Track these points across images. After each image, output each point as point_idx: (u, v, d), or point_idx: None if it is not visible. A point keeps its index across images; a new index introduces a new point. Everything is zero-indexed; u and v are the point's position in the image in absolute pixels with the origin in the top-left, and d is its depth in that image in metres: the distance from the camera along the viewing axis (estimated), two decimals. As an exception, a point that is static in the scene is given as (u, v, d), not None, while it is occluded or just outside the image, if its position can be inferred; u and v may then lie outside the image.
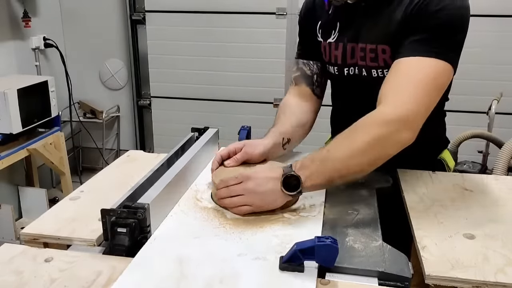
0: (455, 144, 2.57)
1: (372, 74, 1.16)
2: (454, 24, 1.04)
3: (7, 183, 3.01)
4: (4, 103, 2.45)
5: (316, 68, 1.32)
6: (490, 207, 1.04)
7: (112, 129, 3.77)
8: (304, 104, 1.30)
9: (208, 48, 3.33)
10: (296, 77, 1.34)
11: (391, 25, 1.10)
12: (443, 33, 1.02)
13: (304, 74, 1.32)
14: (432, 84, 1.00)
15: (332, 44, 1.22)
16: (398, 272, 0.79)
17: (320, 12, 1.26)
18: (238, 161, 1.11)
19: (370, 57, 1.14)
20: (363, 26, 1.16)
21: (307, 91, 1.31)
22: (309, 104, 1.31)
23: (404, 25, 1.07)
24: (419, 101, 0.98)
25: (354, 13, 1.17)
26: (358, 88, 1.20)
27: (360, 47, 1.16)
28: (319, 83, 1.33)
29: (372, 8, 1.14)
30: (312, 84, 1.32)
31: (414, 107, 0.97)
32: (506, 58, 2.92)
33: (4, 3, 2.92)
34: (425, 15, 1.04)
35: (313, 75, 1.32)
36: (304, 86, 1.32)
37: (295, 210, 1.00)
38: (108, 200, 0.93)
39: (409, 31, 1.05)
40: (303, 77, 1.32)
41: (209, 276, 0.77)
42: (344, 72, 1.21)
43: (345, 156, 0.96)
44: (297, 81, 1.33)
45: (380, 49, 1.12)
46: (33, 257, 0.84)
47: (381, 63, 1.13)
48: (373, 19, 1.14)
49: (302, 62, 1.33)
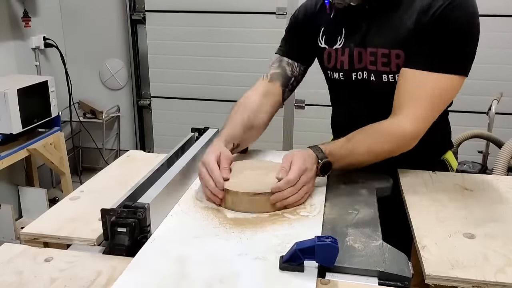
0: (455, 144, 2.57)
1: (382, 79, 1.15)
2: (468, 36, 1.06)
3: (7, 183, 3.01)
4: (4, 103, 2.45)
5: (298, 71, 1.31)
6: (490, 207, 1.03)
7: (112, 129, 3.77)
8: (265, 104, 1.27)
9: (208, 48, 3.33)
10: (274, 73, 1.31)
11: (403, 31, 1.10)
12: (458, 46, 1.05)
13: (284, 73, 1.31)
14: (446, 99, 1.12)
15: (339, 50, 1.21)
16: (398, 272, 0.79)
17: (322, 17, 1.25)
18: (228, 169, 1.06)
19: (382, 62, 1.14)
20: (370, 30, 1.15)
21: (278, 91, 1.29)
22: (272, 104, 1.28)
23: (420, 31, 1.07)
24: (431, 116, 1.10)
25: (358, 16, 1.16)
26: (365, 93, 1.20)
27: (370, 52, 1.15)
28: (293, 87, 1.33)
29: (377, 11, 1.14)
30: (286, 86, 1.31)
31: (427, 122, 1.09)
32: (506, 58, 2.92)
33: (4, 3, 2.92)
34: (444, 26, 1.04)
35: (292, 77, 1.31)
36: (277, 85, 1.30)
37: (295, 209, 1.00)
38: (108, 200, 0.93)
39: (425, 39, 1.06)
40: (281, 77, 1.30)
41: (209, 276, 0.77)
42: (352, 77, 1.20)
43: (363, 155, 1.10)
44: (273, 77, 1.30)
45: (394, 54, 1.11)
46: (33, 257, 0.84)
47: (394, 68, 1.13)
48: (380, 22, 1.13)
49: (287, 62, 1.31)
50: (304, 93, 3.19)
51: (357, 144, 1.10)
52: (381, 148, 1.10)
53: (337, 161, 1.08)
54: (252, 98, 1.27)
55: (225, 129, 1.19)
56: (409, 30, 1.09)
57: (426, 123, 1.09)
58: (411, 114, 1.08)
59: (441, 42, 1.05)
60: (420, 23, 1.07)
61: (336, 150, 1.09)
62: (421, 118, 1.08)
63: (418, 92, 1.08)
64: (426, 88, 1.07)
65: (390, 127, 1.10)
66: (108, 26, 3.50)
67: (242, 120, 1.21)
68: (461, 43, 1.05)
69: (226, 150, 1.10)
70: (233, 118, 1.22)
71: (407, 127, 1.08)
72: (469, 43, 1.06)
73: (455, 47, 1.05)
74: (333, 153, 1.08)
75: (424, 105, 1.08)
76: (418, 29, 1.07)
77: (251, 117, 1.23)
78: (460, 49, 1.06)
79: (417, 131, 1.08)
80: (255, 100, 1.27)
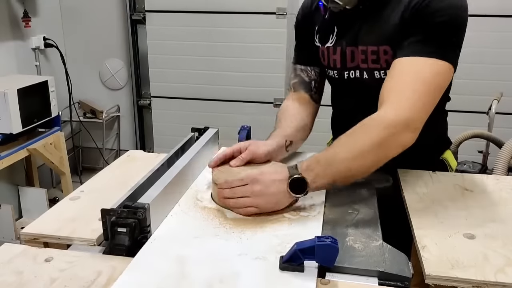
0: (456, 144, 2.57)
1: (375, 76, 1.15)
2: (453, 24, 1.04)
3: (7, 183, 3.01)
4: (4, 103, 2.45)
5: (313, 74, 1.32)
6: (490, 207, 1.03)
7: (112, 129, 3.77)
8: (303, 108, 1.30)
9: (208, 48, 3.33)
10: (294, 83, 1.34)
11: (390, 26, 1.10)
12: (442, 34, 1.03)
13: (302, 80, 1.33)
14: (432, 84, 1.01)
15: (330, 48, 1.22)
16: (398, 272, 0.79)
17: (317, 16, 1.26)
18: (243, 161, 1.10)
19: (372, 59, 1.14)
20: (362, 29, 1.16)
21: (306, 97, 1.32)
22: (308, 108, 1.31)
23: (404, 25, 1.07)
24: (419, 103, 0.99)
25: (351, 16, 1.16)
26: (359, 90, 1.21)
27: (361, 50, 1.15)
28: (317, 88, 1.33)
29: (370, 11, 1.14)
30: (310, 90, 1.32)
31: (415, 109, 0.99)
32: (506, 58, 2.92)
33: (4, 3, 2.92)
34: (424, 16, 1.04)
35: (311, 81, 1.32)
36: (303, 93, 1.32)
37: (295, 210, 1.00)
38: (108, 200, 0.93)
39: (409, 31, 1.06)
40: (302, 84, 1.33)
41: (209, 276, 0.77)
42: (345, 75, 1.21)
43: (349, 159, 0.97)
44: (295, 87, 1.34)
45: (382, 50, 1.12)
46: (33, 257, 0.84)
47: (383, 64, 1.13)
48: (372, 21, 1.14)
49: (300, 69, 1.33)
50: (304, 93, 3.18)
51: (339, 147, 0.99)
52: (366, 145, 0.96)
53: (319, 175, 0.96)
54: (290, 106, 1.31)
55: (275, 131, 1.22)
56: (395, 26, 1.09)
57: (415, 109, 0.98)
58: (395, 101, 1.00)
59: (426, 30, 1.04)
60: (404, 17, 1.07)
61: (314, 162, 0.98)
62: (407, 105, 0.98)
63: (401, 79, 1.03)
64: (409, 74, 1.03)
65: (373, 119, 1.00)
66: (108, 26, 3.50)
67: (290, 122, 1.24)
68: (446, 31, 1.03)
69: (258, 147, 1.11)
70: (281, 122, 1.25)
71: (391, 116, 0.98)
72: (454, 32, 1.04)
73: (439, 35, 1.03)
74: (311, 167, 0.97)
75: (408, 91, 1.00)
76: (403, 23, 1.07)
77: (298, 119, 1.26)
78: (445, 37, 1.03)
79: (405, 118, 0.97)
80: (291, 107, 1.30)
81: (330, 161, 0.97)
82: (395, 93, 1.01)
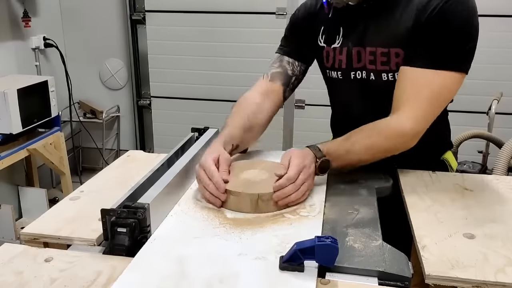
0: (455, 144, 2.57)
1: (382, 78, 1.15)
2: (468, 33, 1.06)
3: (7, 183, 3.01)
4: (4, 103, 2.45)
5: (299, 70, 1.31)
6: (490, 207, 1.03)
7: (112, 129, 3.77)
8: (266, 103, 1.26)
9: (208, 48, 3.33)
10: (275, 73, 1.30)
11: (401, 29, 1.10)
12: (457, 43, 1.05)
13: (284, 72, 1.30)
14: (446, 97, 1.10)
15: (337, 49, 1.21)
16: (398, 272, 0.79)
17: (322, 17, 1.24)
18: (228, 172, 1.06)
19: (381, 61, 1.14)
20: (368, 29, 1.15)
21: (279, 90, 1.29)
22: (272, 104, 1.28)
23: (419, 29, 1.07)
24: (431, 114, 1.09)
25: (356, 16, 1.16)
26: (364, 91, 1.20)
27: (369, 51, 1.15)
28: (293, 86, 1.32)
29: (375, 10, 1.14)
30: (287, 85, 1.30)
31: (427, 121, 1.08)
32: (506, 58, 2.92)
33: (4, 3, 2.92)
34: (441, 22, 1.04)
35: (293, 76, 1.31)
36: (278, 85, 1.29)
37: (295, 209, 1.00)
38: (108, 200, 0.93)
39: (424, 38, 1.06)
40: (282, 76, 1.30)
41: (209, 276, 0.77)
42: (350, 76, 1.20)
43: (362, 153, 1.10)
44: (274, 77, 1.30)
45: (393, 52, 1.11)
46: (33, 257, 0.84)
47: (393, 66, 1.13)
48: (378, 21, 1.14)
49: (287, 61, 1.31)
50: (304, 93, 3.18)
51: (356, 143, 1.09)
52: (380, 147, 1.09)
53: (336, 159, 1.08)
54: (252, 99, 1.27)
55: (224, 130, 1.18)
56: (407, 29, 1.09)
57: (425, 121, 1.08)
58: (411, 112, 1.07)
59: (440, 39, 1.05)
60: (419, 21, 1.07)
61: (334, 149, 1.09)
62: (420, 116, 1.07)
63: (418, 90, 1.07)
64: (425, 85, 1.06)
65: (389, 126, 1.09)
66: (108, 26, 3.50)
67: (241, 121, 1.20)
68: (460, 40, 1.05)
69: (224, 152, 1.09)
70: (232, 119, 1.21)
71: (406, 125, 1.06)
72: (468, 40, 1.06)
73: (454, 44, 1.05)
74: (331, 152, 1.08)
75: (423, 103, 1.06)
76: (417, 27, 1.07)
77: (250, 118, 1.22)
78: (459, 46, 1.06)
79: (417, 129, 1.07)
80: (254, 100, 1.26)
81: (348, 151, 1.09)
82: (411, 104, 1.07)
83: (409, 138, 1.08)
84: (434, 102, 1.08)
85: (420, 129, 1.07)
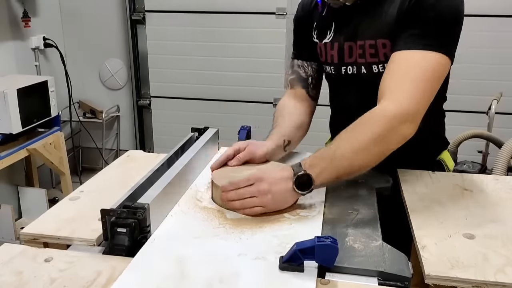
0: (455, 144, 2.57)
1: (373, 70, 1.16)
2: (451, 16, 1.05)
3: (7, 183, 3.01)
4: (4, 103, 2.45)
5: (310, 69, 1.32)
6: (490, 207, 1.03)
7: (112, 129, 3.77)
8: (300, 105, 1.31)
9: (208, 48, 3.33)
10: (291, 79, 1.35)
11: (388, 19, 1.10)
12: (440, 26, 1.04)
13: (299, 76, 1.33)
14: (431, 77, 1.03)
15: (328, 44, 1.22)
16: (398, 272, 0.79)
17: (316, 13, 1.26)
18: (240, 160, 1.11)
19: (370, 53, 1.14)
20: (360, 24, 1.16)
21: (303, 93, 1.32)
22: (305, 105, 1.31)
23: (401, 18, 1.08)
24: (418, 95, 1.01)
25: (349, 12, 1.17)
26: (357, 86, 1.20)
27: (359, 45, 1.16)
28: (314, 85, 1.33)
29: (368, 6, 1.14)
30: (307, 87, 1.32)
31: (414, 101, 1.00)
32: (506, 58, 2.93)
33: (4, 3, 2.92)
34: (422, 8, 1.05)
35: (308, 77, 1.32)
36: (299, 89, 1.33)
37: (295, 210, 1.00)
38: (108, 200, 0.93)
39: (407, 24, 1.06)
40: (298, 80, 1.33)
41: (209, 276, 0.77)
42: (342, 71, 1.21)
43: (351, 153, 0.98)
44: (292, 83, 1.34)
45: (380, 43, 1.12)
46: (33, 257, 0.84)
47: (382, 57, 1.13)
48: (370, 16, 1.14)
49: (297, 64, 1.33)
50: (304, 93, 3.18)
51: (341, 143, 1.00)
52: (366, 140, 0.97)
53: (323, 171, 0.97)
54: (287, 103, 1.32)
55: (272, 131, 1.22)
56: (393, 18, 1.09)
57: (414, 101, 0.99)
58: (394, 94, 1.01)
59: (421, 23, 1.04)
60: (402, 8, 1.08)
61: (317, 159, 0.99)
62: (406, 97, 0.99)
63: (400, 73, 1.04)
64: (407, 67, 1.04)
65: (373, 113, 1.01)
66: (108, 26, 3.50)
67: (288, 120, 1.25)
68: (442, 23, 1.04)
69: (256, 147, 1.12)
70: (278, 121, 1.26)
71: (390, 107, 0.99)
72: (452, 24, 1.05)
73: (436, 27, 1.04)
74: (314, 164, 0.98)
75: (406, 84, 1.01)
76: (400, 14, 1.08)
77: (295, 117, 1.26)
78: (441, 29, 1.04)
79: (405, 109, 0.98)
80: (289, 104, 1.31)
81: (333, 156, 0.98)
82: (394, 87, 1.02)
83: (399, 120, 0.98)
84: (420, 83, 1.01)
85: (408, 110, 0.98)
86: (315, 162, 0.98)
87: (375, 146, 0.98)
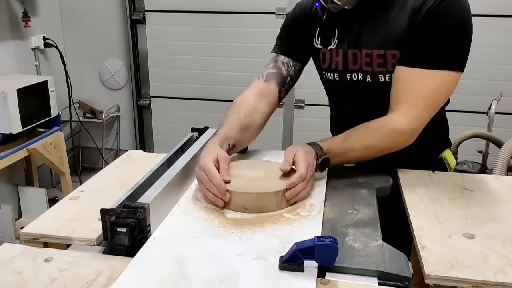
0: (455, 144, 2.57)
1: (379, 79, 1.15)
2: (463, 32, 1.07)
3: (7, 183, 3.01)
4: (4, 103, 2.45)
5: (294, 70, 1.29)
6: (490, 207, 1.03)
7: (112, 129, 3.77)
8: (261, 105, 1.24)
9: (208, 48, 3.33)
10: (269, 73, 1.29)
11: (397, 30, 1.10)
12: (453, 42, 1.06)
13: (279, 72, 1.28)
14: (442, 96, 1.12)
15: (333, 51, 1.21)
16: (398, 272, 0.79)
17: (317, 18, 1.23)
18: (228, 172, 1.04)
19: (378, 63, 1.14)
20: (363, 31, 1.15)
21: (274, 91, 1.27)
22: (267, 105, 1.26)
23: (413, 32, 1.08)
24: (428, 114, 1.10)
25: (351, 18, 1.16)
26: (361, 93, 1.20)
27: (365, 53, 1.15)
28: (289, 86, 1.31)
29: (370, 12, 1.14)
30: (283, 86, 1.29)
31: (423, 120, 1.10)
32: (506, 58, 2.93)
33: (4, 3, 2.92)
34: (435, 22, 1.05)
35: (288, 76, 1.29)
36: (273, 85, 1.27)
37: (295, 209, 1.00)
38: (108, 200, 0.93)
39: (419, 38, 1.07)
40: (277, 76, 1.28)
41: (209, 276, 0.77)
42: (347, 77, 1.20)
43: (360, 151, 1.12)
44: (268, 78, 1.28)
45: (390, 54, 1.12)
46: (33, 257, 0.84)
47: (390, 68, 1.13)
48: (373, 23, 1.14)
49: (282, 61, 1.29)
50: (304, 93, 3.19)
51: (354, 141, 1.12)
52: (378, 146, 1.12)
53: (334, 157, 1.12)
54: (248, 99, 1.25)
55: (220, 130, 1.17)
56: (403, 30, 1.09)
57: (422, 120, 1.10)
58: (406, 111, 1.09)
59: (435, 39, 1.05)
60: (414, 21, 1.08)
61: (334, 147, 1.12)
62: (416, 116, 1.09)
63: (413, 90, 1.08)
64: (422, 85, 1.07)
65: (385, 125, 1.11)
66: (108, 26, 3.50)
67: (237, 121, 1.19)
68: (455, 39, 1.06)
69: (222, 152, 1.07)
70: (229, 119, 1.20)
71: (402, 124, 1.09)
72: (463, 39, 1.07)
73: (449, 44, 1.06)
74: (331, 150, 1.11)
75: (419, 102, 1.08)
76: (412, 28, 1.08)
77: (247, 118, 1.20)
78: (455, 45, 1.07)
79: (413, 128, 1.09)
80: (250, 100, 1.24)
81: (347, 149, 1.12)
82: (408, 103, 1.09)
83: (406, 137, 1.10)
84: (430, 102, 1.09)
85: (416, 128, 1.10)
86: (331, 148, 1.11)
87: (382, 151, 1.13)
